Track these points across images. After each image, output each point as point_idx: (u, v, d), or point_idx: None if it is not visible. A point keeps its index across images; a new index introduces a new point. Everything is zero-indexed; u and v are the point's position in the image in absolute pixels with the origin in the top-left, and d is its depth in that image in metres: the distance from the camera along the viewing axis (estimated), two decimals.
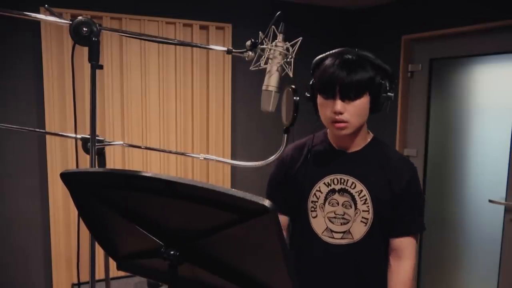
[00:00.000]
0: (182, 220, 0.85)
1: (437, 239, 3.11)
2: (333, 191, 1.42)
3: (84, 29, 1.12)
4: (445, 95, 3.05)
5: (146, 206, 0.88)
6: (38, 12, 2.46)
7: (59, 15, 1.21)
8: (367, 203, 1.40)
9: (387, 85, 1.36)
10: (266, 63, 1.25)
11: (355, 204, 1.41)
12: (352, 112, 1.33)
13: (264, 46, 1.24)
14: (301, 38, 1.22)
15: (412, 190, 1.43)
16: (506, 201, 2.60)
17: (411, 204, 1.43)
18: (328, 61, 1.35)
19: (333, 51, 1.38)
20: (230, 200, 0.73)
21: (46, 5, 1.24)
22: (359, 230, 1.41)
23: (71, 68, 1.22)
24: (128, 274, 1.99)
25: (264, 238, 0.76)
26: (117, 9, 2.75)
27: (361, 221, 1.41)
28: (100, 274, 2.51)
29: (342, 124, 1.34)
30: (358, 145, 1.45)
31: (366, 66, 1.33)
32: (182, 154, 1.52)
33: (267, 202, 0.70)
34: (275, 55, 1.23)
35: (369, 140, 1.47)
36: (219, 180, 3.17)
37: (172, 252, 0.86)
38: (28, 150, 2.70)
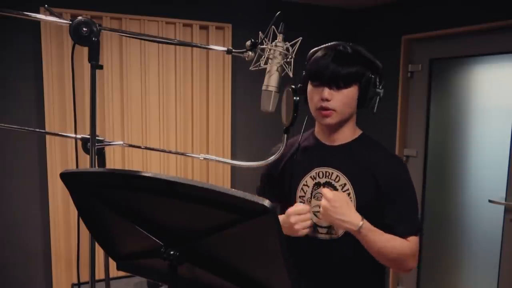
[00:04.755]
0: (182, 220, 0.85)
1: (437, 239, 3.11)
2: (318, 184, 1.42)
3: (84, 29, 1.12)
4: (445, 95, 3.04)
5: (146, 206, 0.88)
6: (38, 12, 2.46)
7: (59, 15, 1.21)
8: (350, 197, 1.37)
9: (377, 81, 1.36)
10: (266, 63, 1.25)
11: None
12: (339, 100, 1.33)
13: (264, 46, 1.24)
14: (301, 38, 1.22)
15: (403, 189, 1.39)
16: (506, 201, 2.60)
17: (404, 204, 1.39)
18: (321, 52, 1.38)
19: (328, 44, 1.40)
20: (230, 200, 0.73)
21: (46, 5, 1.24)
22: None
23: (71, 68, 1.22)
24: (128, 274, 1.99)
25: (264, 238, 0.76)
26: (117, 9, 2.75)
27: None
28: (100, 274, 2.51)
29: (328, 112, 1.34)
30: (345, 138, 1.43)
31: (358, 59, 1.35)
32: (182, 154, 1.52)
33: (267, 202, 0.70)
34: (275, 55, 1.23)
35: (357, 135, 1.45)
36: (219, 180, 3.16)
37: (172, 252, 0.86)
38: (28, 150, 2.70)
